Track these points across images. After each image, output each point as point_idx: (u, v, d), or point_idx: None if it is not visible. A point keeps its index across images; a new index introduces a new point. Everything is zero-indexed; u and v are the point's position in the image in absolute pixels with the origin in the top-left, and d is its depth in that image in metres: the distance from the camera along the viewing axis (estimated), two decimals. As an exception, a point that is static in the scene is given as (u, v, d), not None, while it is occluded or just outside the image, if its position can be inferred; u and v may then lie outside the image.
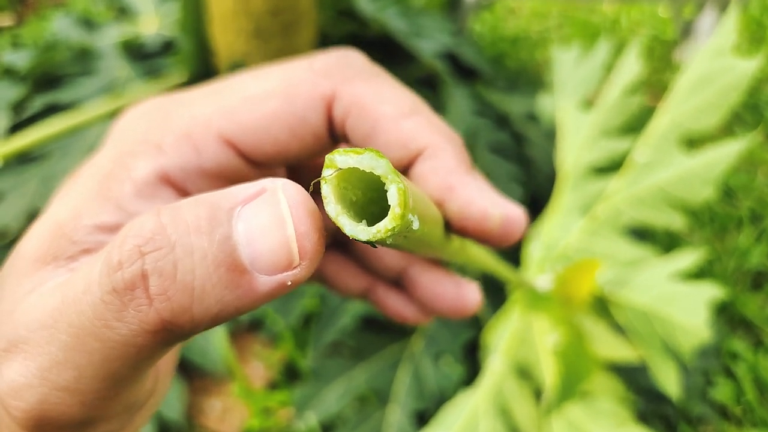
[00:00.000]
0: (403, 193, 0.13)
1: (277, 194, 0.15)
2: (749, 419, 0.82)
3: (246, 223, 0.14)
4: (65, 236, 0.19)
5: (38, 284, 0.18)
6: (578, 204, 0.57)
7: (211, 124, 0.21)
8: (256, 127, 0.21)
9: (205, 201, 0.15)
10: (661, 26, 1.62)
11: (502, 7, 1.75)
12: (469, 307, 0.24)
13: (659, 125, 0.54)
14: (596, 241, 0.54)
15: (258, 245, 0.14)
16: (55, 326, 0.16)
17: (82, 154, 0.82)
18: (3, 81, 0.90)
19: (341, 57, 0.23)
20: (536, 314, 0.51)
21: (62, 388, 0.16)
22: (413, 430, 0.72)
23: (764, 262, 1.01)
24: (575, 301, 0.48)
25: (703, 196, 0.50)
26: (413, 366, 0.77)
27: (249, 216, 0.15)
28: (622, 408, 0.47)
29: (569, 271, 0.49)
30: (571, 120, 0.63)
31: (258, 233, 0.14)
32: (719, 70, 0.51)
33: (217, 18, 0.84)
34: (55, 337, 0.16)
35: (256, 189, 0.15)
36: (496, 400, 0.51)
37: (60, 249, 0.18)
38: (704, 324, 0.47)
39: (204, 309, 0.14)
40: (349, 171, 0.14)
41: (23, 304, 0.17)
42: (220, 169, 0.21)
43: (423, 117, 0.21)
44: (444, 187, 0.20)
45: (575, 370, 0.46)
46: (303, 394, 0.76)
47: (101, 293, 0.15)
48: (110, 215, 0.19)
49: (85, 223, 0.19)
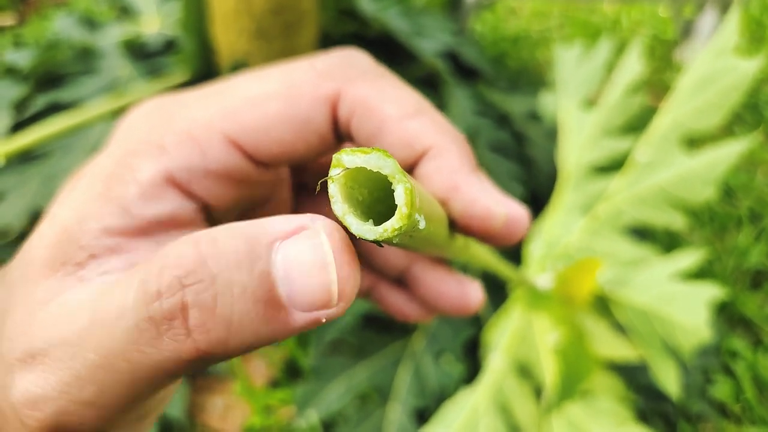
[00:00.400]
0: (410, 192, 0.14)
1: (320, 236, 0.15)
2: (748, 417, 0.83)
3: (285, 260, 0.15)
4: (72, 241, 0.19)
5: (52, 294, 0.18)
6: (579, 203, 0.57)
7: (214, 125, 0.21)
8: (259, 128, 0.21)
9: (243, 233, 0.15)
10: (662, 26, 1.62)
11: (502, 7, 1.75)
12: (472, 305, 0.24)
13: (661, 125, 0.54)
14: (597, 240, 0.55)
15: (297, 284, 0.14)
16: (81, 344, 0.16)
17: (84, 153, 0.82)
18: (5, 80, 0.91)
19: (344, 57, 0.23)
20: (537, 313, 0.51)
21: (82, 402, 0.16)
22: (414, 428, 0.73)
23: (763, 261, 1.01)
24: (576, 300, 0.48)
25: (704, 196, 0.50)
26: (414, 364, 0.77)
27: (289, 253, 0.15)
28: (622, 407, 0.47)
29: (570, 270, 0.49)
30: (573, 119, 0.63)
31: (298, 273, 0.14)
32: (721, 70, 0.51)
33: (219, 17, 0.84)
34: (81, 355, 0.16)
35: (294, 225, 0.15)
36: (497, 399, 0.52)
37: (68, 255, 0.18)
38: (704, 324, 0.47)
39: (239, 341, 0.15)
40: (356, 170, 0.14)
41: (40, 316, 0.17)
42: (226, 169, 0.21)
43: (428, 117, 0.22)
44: (449, 187, 0.21)
45: (575, 369, 0.47)
46: (304, 392, 0.76)
47: (136, 320, 0.15)
48: (115, 218, 0.19)
49: (91, 227, 0.19)
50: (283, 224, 0.15)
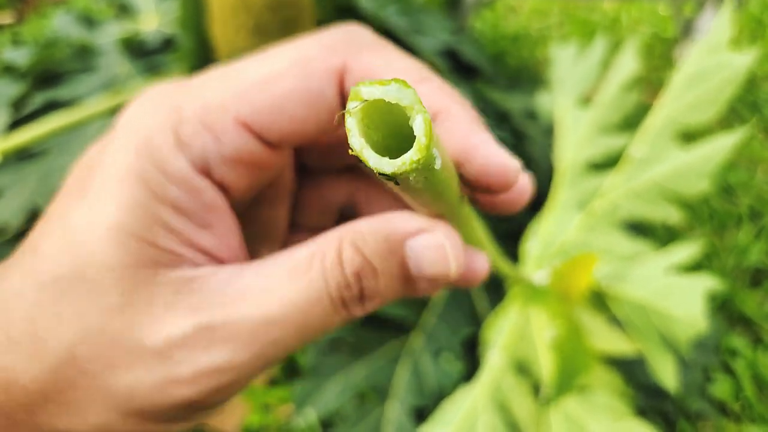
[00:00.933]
0: (428, 123, 0.14)
1: (441, 239, 0.20)
2: (748, 415, 0.83)
3: (414, 252, 0.20)
4: (147, 251, 0.20)
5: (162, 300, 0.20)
6: (576, 200, 0.57)
7: (227, 110, 0.21)
8: (272, 108, 0.21)
9: (382, 233, 0.20)
10: (662, 24, 1.62)
11: (502, 5, 1.75)
12: (478, 275, 0.24)
13: (655, 121, 0.54)
14: (594, 236, 0.54)
15: (425, 269, 0.20)
16: (280, 323, 0.20)
17: (82, 150, 0.82)
18: (3, 78, 0.90)
19: (348, 31, 0.23)
20: (534, 309, 0.51)
21: (253, 376, 0.21)
22: (412, 427, 0.73)
23: (763, 260, 1.01)
24: (573, 295, 0.48)
25: (699, 189, 0.50)
26: (413, 362, 0.77)
27: (417, 248, 0.20)
28: (620, 402, 0.47)
29: (566, 265, 0.49)
30: (569, 117, 0.63)
31: (426, 262, 0.20)
32: (714, 65, 0.51)
33: (217, 15, 0.84)
34: (281, 333, 0.20)
35: (416, 226, 0.20)
36: (495, 396, 0.51)
37: (149, 267, 0.20)
38: (700, 314, 0.47)
39: (385, 303, 0.21)
40: (372, 109, 0.14)
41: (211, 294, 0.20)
42: (239, 153, 0.21)
43: (434, 83, 0.22)
44: (463, 147, 0.21)
45: (572, 364, 0.47)
46: (302, 391, 0.76)
47: (331, 304, 0.20)
48: (170, 229, 0.20)
49: (162, 245, 0.20)
50: (407, 224, 0.20)
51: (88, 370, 0.19)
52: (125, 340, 0.19)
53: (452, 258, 0.20)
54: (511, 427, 0.50)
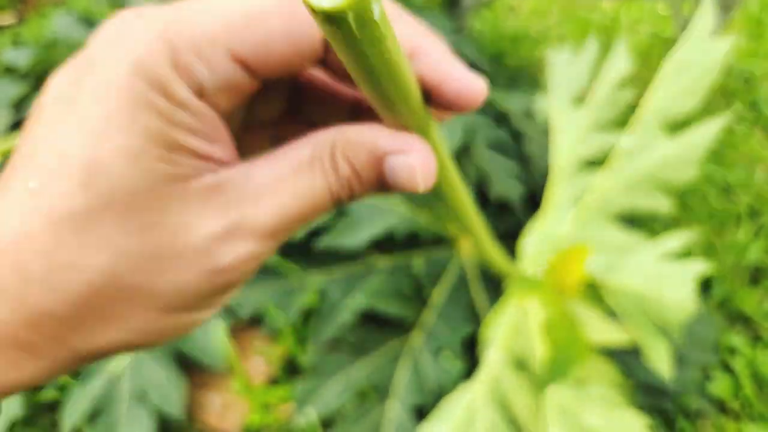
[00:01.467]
0: None
1: (413, 161, 0.23)
2: (747, 414, 0.83)
3: (392, 169, 0.23)
4: (170, 170, 0.21)
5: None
6: (571, 198, 0.58)
7: (218, 41, 0.21)
8: (262, 44, 0.22)
9: (368, 147, 0.23)
10: (661, 24, 1.62)
11: (501, 5, 1.75)
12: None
13: (643, 113, 0.55)
14: (588, 230, 0.55)
15: (398, 182, 0.23)
16: (294, 214, 0.23)
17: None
18: (4, 79, 0.91)
19: None
20: (530, 303, 0.51)
21: (267, 257, 0.24)
22: (412, 425, 0.73)
23: (762, 258, 1.01)
24: (566, 287, 0.48)
25: (687, 176, 0.52)
26: (413, 361, 0.77)
27: (395, 166, 0.23)
28: (615, 393, 0.47)
29: (558, 258, 0.49)
30: (564, 116, 0.63)
31: (399, 178, 0.23)
32: (695, 55, 0.52)
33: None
34: (292, 220, 0.23)
35: (397, 146, 0.23)
36: (494, 392, 0.52)
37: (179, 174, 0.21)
38: (690, 297, 0.47)
39: (362, 195, 0.24)
40: None
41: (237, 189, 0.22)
42: (229, 84, 0.22)
43: (408, 22, 0.24)
44: (439, 76, 0.24)
45: (566, 349, 0.47)
46: (303, 390, 0.77)
47: (330, 198, 0.23)
48: (186, 149, 0.21)
49: (182, 162, 0.21)
50: (390, 143, 0.23)
51: (129, 285, 0.20)
52: (166, 249, 0.21)
53: (421, 179, 0.24)
54: (510, 422, 0.50)
